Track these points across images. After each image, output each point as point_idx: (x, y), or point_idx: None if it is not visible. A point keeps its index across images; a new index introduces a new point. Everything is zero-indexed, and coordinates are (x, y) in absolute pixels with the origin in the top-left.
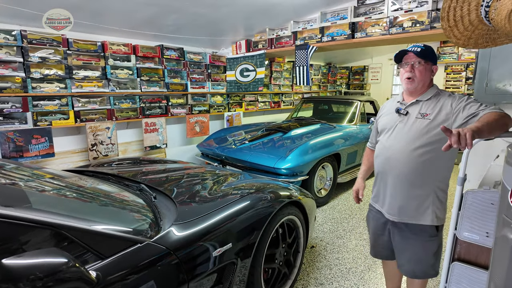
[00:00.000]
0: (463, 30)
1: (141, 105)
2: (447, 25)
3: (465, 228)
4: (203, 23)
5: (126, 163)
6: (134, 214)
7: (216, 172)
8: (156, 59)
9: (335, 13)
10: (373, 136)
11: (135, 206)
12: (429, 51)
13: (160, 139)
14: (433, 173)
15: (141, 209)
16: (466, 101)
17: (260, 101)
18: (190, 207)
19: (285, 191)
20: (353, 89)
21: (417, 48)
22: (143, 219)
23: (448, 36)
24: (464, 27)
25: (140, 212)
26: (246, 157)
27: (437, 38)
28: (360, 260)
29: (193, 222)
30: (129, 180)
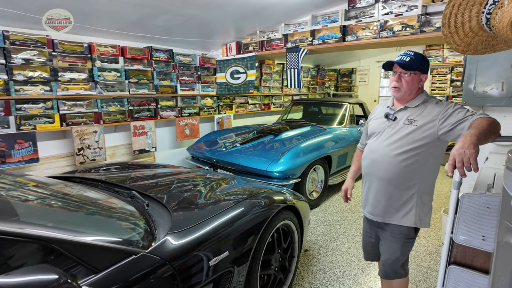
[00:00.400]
0: (464, 37)
1: (129, 108)
2: (448, 31)
3: (462, 231)
4: (193, 24)
5: (115, 168)
6: (126, 224)
7: (208, 177)
8: (145, 61)
9: (325, 16)
10: (363, 138)
11: (127, 215)
12: (417, 61)
13: (149, 142)
14: (418, 176)
15: (134, 218)
16: (453, 108)
17: (250, 103)
18: (185, 214)
19: (279, 195)
20: (341, 91)
21: (406, 57)
22: (137, 228)
23: (448, 42)
24: (465, 33)
25: (133, 221)
26: (237, 160)
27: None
28: (353, 263)
29: (189, 230)
30: (119, 187)
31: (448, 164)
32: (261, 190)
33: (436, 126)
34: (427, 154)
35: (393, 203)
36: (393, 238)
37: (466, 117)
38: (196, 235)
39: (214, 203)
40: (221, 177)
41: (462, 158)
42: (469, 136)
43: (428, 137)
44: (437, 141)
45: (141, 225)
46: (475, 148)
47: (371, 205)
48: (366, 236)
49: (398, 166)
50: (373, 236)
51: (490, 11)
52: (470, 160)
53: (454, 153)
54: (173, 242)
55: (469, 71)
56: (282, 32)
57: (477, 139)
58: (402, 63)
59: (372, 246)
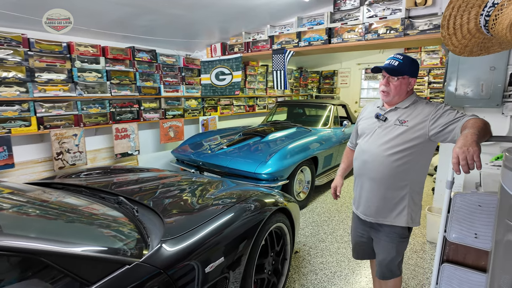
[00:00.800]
0: (461, 38)
1: (111, 110)
2: (447, 33)
3: (455, 230)
4: (177, 25)
5: (97, 173)
6: (117, 232)
7: (197, 180)
8: (127, 61)
9: (311, 18)
10: (353, 137)
11: (116, 222)
12: (406, 65)
13: (132, 145)
14: (409, 177)
15: (124, 225)
16: (443, 109)
17: (235, 105)
18: (177, 220)
19: (271, 197)
20: (323, 93)
21: (394, 61)
22: (128, 236)
23: (446, 43)
24: (463, 35)
25: (123, 229)
26: (224, 162)
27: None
28: (344, 263)
29: (184, 236)
30: (104, 192)
31: (453, 163)
32: (252, 193)
33: (427, 127)
34: (418, 154)
35: (386, 204)
36: (388, 238)
37: (457, 118)
38: (191, 241)
39: (207, 208)
40: (210, 181)
41: (466, 156)
42: (470, 134)
43: (419, 138)
44: (428, 142)
45: (132, 232)
46: (478, 145)
47: (364, 205)
48: (357, 236)
49: (390, 167)
50: (365, 236)
51: (489, 13)
52: (474, 157)
53: (458, 151)
54: (168, 250)
55: (450, 74)
56: (268, 33)
57: (478, 138)
58: (389, 68)
59: (363, 246)
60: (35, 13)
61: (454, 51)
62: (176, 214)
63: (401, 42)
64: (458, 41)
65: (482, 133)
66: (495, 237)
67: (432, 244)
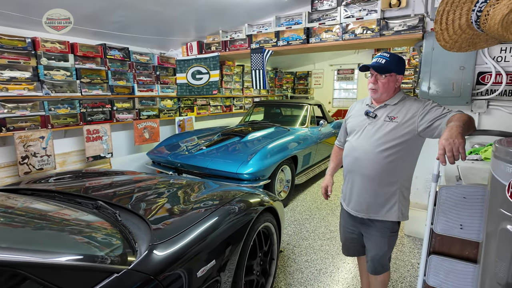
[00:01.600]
0: (452, 34)
1: (81, 111)
2: (439, 28)
3: (441, 222)
4: (151, 22)
5: (68, 177)
6: (101, 238)
7: (179, 182)
8: (98, 59)
9: (289, 18)
10: (341, 136)
11: (97, 228)
12: (393, 62)
13: (105, 148)
14: (399, 172)
15: (107, 231)
16: (431, 105)
17: (212, 105)
18: (165, 223)
19: (257, 197)
20: (298, 93)
21: (381, 59)
22: (113, 242)
23: (438, 39)
24: (454, 30)
25: (107, 235)
26: (204, 163)
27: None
28: (328, 260)
29: (173, 240)
30: (80, 197)
31: (439, 154)
32: (238, 193)
33: (416, 123)
34: (408, 150)
35: (377, 199)
36: (380, 233)
37: (443, 114)
38: (181, 245)
39: (193, 210)
40: (192, 182)
41: (452, 148)
42: (455, 127)
43: (409, 134)
44: (417, 138)
45: (117, 238)
46: (463, 138)
47: (355, 201)
48: (347, 232)
49: (381, 163)
50: (356, 232)
51: (481, 9)
52: (459, 149)
53: (443, 143)
54: (158, 255)
55: (423, 73)
56: (246, 32)
57: (463, 130)
58: (377, 66)
59: (353, 242)
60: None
61: (444, 46)
62: (162, 218)
63: (377, 42)
64: (449, 36)
65: (467, 126)
66: (486, 228)
67: (410, 237)
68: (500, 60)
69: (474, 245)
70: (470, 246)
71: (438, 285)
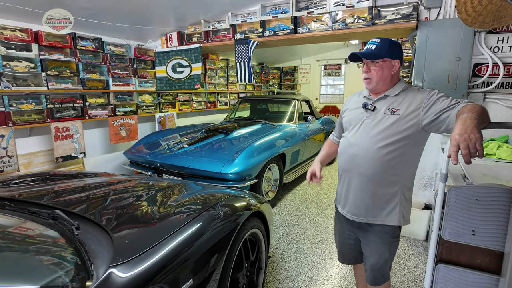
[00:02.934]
0: (477, 4)
1: (48, 106)
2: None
3: (450, 227)
4: (125, 9)
5: (31, 180)
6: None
7: (156, 185)
8: (67, 50)
9: (276, 6)
10: (337, 131)
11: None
12: (384, 47)
13: (76, 147)
14: (401, 171)
15: (59, 249)
16: (437, 95)
17: (195, 100)
18: (132, 237)
19: (242, 200)
20: (285, 89)
21: (372, 45)
22: (63, 264)
23: (459, 10)
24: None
25: (56, 254)
26: (186, 163)
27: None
28: (320, 266)
29: (140, 258)
30: (36, 205)
31: (452, 151)
32: (221, 197)
33: (420, 115)
34: (411, 146)
35: (376, 201)
36: (380, 239)
37: (451, 105)
38: (150, 263)
39: (168, 219)
40: (171, 184)
41: (468, 144)
42: (469, 119)
43: (412, 127)
44: (421, 132)
45: (70, 258)
46: (479, 132)
47: (352, 204)
48: (344, 237)
49: (381, 160)
50: (353, 237)
51: None
52: (476, 145)
53: (457, 138)
54: (120, 278)
55: (417, 65)
56: (229, 22)
57: (478, 123)
58: (367, 52)
59: (350, 248)
60: None
61: (466, 20)
62: (130, 229)
63: (369, 32)
64: (473, 7)
65: (481, 118)
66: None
67: (404, 238)
68: (497, 51)
69: (487, 252)
70: (482, 254)
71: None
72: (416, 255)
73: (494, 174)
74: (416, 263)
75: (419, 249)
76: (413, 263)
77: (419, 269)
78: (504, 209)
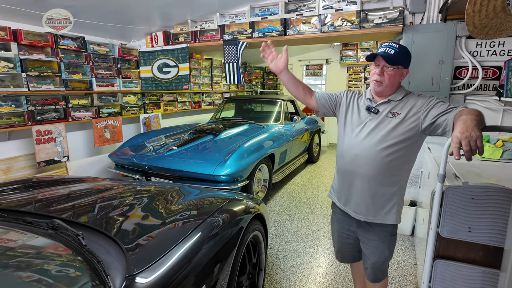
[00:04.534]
0: (484, 17)
1: (29, 109)
2: (472, 9)
3: (448, 224)
4: (109, 8)
5: (13, 188)
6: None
7: (151, 190)
8: (48, 49)
9: (264, 8)
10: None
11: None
12: (402, 54)
13: (59, 150)
14: (400, 172)
15: (68, 261)
16: (435, 100)
17: (179, 101)
18: (141, 246)
19: (244, 204)
20: (268, 89)
21: (390, 50)
22: (77, 277)
23: (467, 23)
24: (487, 13)
25: (67, 266)
26: (176, 165)
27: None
28: (314, 264)
29: (153, 268)
30: (31, 215)
31: (454, 147)
32: (223, 201)
33: (420, 119)
34: (410, 149)
35: (376, 201)
36: (379, 238)
37: (449, 109)
38: (164, 272)
39: (175, 226)
40: (167, 189)
41: (469, 141)
42: (469, 120)
43: (412, 130)
44: (420, 135)
45: (82, 270)
46: (480, 131)
47: (355, 203)
48: (343, 237)
49: (382, 162)
50: (352, 237)
51: None
52: (477, 142)
53: (459, 136)
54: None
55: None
56: (218, 22)
57: (477, 123)
58: (386, 56)
59: (349, 247)
60: None
61: (472, 32)
62: (138, 238)
63: (357, 35)
64: (479, 20)
65: (479, 119)
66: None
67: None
68: (476, 55)
69: (481, 247)
70: (477, 249)
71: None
72: (404, 250)
73: (480, 172)
74: (405, 258)
75: (406, 244)
76: (401, 258)
77: (408, 263)
78: (498, 207)
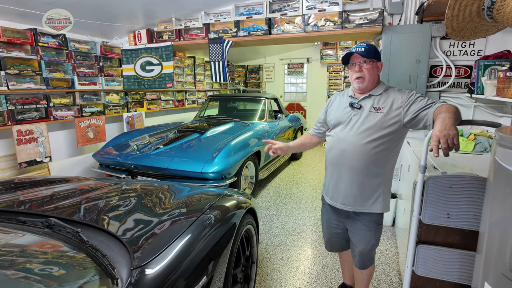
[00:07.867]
0: (461, 21)
1: (9, 108)
2: (451, 13)
3: (429, 212)
4: (89, 4)
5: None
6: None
7: (145, 187)
8: (27, 46)
9: (249, 7)
10: (318, 126)
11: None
12: (372, 49)
13: (41, 151)
14: (385, 163)
15: (71, 258)
16: (415, 96)
17: (163, 99)
18: (143, 240)
19: (237, 199)
20: (250, 87)
21: (360, 48)
22: (85, 272)
23: (447, 25)
24: (463, 17)
25: (72, 263)
26: (163, 163)
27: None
28: (303, 256)
29: (157, 261)
30: (24, 214)
31: (434, 145)
32: (217, 197)
33: (401, 114)
34: (393, 141)
35: (363, 192)
36: (366, 227)
37: (428, 105)
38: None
39: (172, 220)
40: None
41: (447, 139)
42: (447, 118)
43: (395, 125)
44: (402, 129)
45: (88, 265)
46: (456, 129)
47: (343, 195)
48: (331, 228)
49: (367, 154)
50: (340, 227)
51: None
52: (454, 140)
53: (438, 134)
54: (145, 280)
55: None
56: (203, 21)
57: (454, 121)
58: (359, 52)
59: (337, 237)
60: None
61: (451, 34)
62: (138, 233)
63: (340, 35)
64: (457, 24)
65: (457, 117)
66: (490, 218)
67: None
68: (449, 55)
69: (458, 232)
70: (454, 233)
71: (427, 273)
72: (386, 240)
73: (455, 163)
74: (387, 247)
75: (387, 234)
76: (384, 247)
77: (390, 252)
78: (473, 194)
